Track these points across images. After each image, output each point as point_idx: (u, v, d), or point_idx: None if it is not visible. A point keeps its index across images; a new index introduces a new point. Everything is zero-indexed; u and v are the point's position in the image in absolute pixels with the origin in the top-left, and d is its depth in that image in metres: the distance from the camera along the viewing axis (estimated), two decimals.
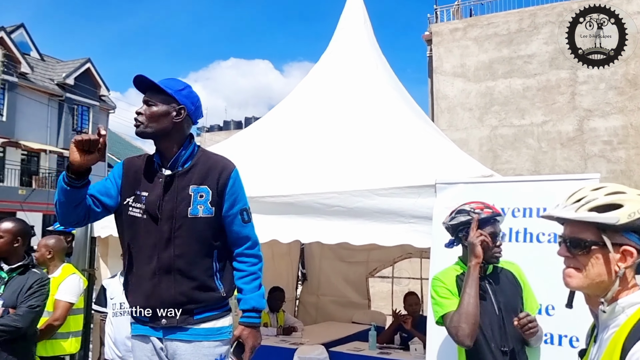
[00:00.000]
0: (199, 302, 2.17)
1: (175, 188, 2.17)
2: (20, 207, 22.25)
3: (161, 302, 2.15)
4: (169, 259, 2.15)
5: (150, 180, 2.21)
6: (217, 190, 2.19)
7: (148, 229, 2.17)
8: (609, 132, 13.92)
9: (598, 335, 1.37)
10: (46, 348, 3.77)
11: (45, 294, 3.17)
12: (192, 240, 2.16)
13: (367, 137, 4.26)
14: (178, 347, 2.17)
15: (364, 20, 5.60)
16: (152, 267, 2.16)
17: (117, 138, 34.79)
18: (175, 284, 2.15)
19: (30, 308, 3.04)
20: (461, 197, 2.96)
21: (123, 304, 4.39)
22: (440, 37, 15.97)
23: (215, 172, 2.21)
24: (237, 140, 5.10)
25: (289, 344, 5.13)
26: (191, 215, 2.15)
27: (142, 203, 2.19)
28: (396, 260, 6.97)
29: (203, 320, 2.19)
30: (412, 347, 4.75)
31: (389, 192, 3.51)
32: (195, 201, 2.16)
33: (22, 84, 23.37)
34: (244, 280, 2.25)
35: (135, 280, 2.22)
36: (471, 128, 15.35)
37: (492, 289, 2.42)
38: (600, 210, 1.32)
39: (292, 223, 3.78)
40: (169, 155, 2.22)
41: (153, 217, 2.16)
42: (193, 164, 2.22)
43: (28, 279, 3.12)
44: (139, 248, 2.20)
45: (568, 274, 1.37)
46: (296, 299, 7.60)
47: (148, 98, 2.19)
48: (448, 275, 2.50)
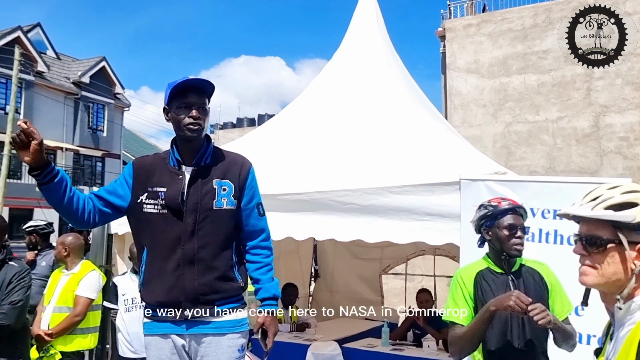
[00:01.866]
0: (221, 292, 2.23)
1: (200, 182, 2.24)
2: (37, 204, 22.55)
3: (184, 293, 2.20)
4: (192, 251, 2.20)
5: (166, 176, 2.27)
6: (239, 184, 2.29)
7: (168, 223, 2.22)
8: (625, 128, 13.75)
9: (614, 333, 1.37)
10: (66, 343, 3.83)
11: (26, 286, 3.12)
12: (215, 232, 2.23)
13: (380, 135, 4.27)
14: (203, 340, 2.22)
15: (377, 17, 5.61)
16: (175, 260, 2.20)
17: (131, 135, 35.09)
18: (199, 275, 2.20)
19: (13, 304, 3.00)
20: (487, 195, 2.95)
21: (135, 299, 4.48)
22: (453, 33, 15.87)
23: (236, 167, 2.31)
24: (252, 137, 5.14)
25: (303, 340, 5.15)
26: (216, 207, 2.23)
27: (161, 199, 2.23)
28: (409, 257, 6.96)
29: (225, 312, 2.25)
30: (425, 344, 4.76)
31: (403, 189, 3.52)
32: (220, 194, 2.24)
33: (39, 83, 23.70)
34: (261, 271, 2.34)
35: (156, 275, 2.24)
36: (485, 124, 15.25)
37: (514, 285, 2.39)
38: (616, 209, 1.32)
39: (307, 220, 3.82)
40: (193, 152, 2.28)
41: (175, 211, 2.21)
42: (213, 160, 2.30)
43: (7, 274, 3.07)
44: (157, 243, 2.24)
45: (584, 272, 1.38)
46: (309, 295, 7.64)
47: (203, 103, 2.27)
48: (470, 272, 2.47)
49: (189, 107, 2.23)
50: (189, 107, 2.23)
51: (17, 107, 22.45)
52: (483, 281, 2.41)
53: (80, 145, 25.91)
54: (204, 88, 2.27)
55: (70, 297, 3.85)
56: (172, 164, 2.29)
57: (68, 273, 3.96)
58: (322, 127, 4.58)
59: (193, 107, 2.23)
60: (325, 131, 4.50)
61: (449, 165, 3.65)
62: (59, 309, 3.81)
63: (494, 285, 2.38)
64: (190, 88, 2.24)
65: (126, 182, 2.30)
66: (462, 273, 2.50)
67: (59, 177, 2.09)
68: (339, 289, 7.43)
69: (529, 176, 3.74)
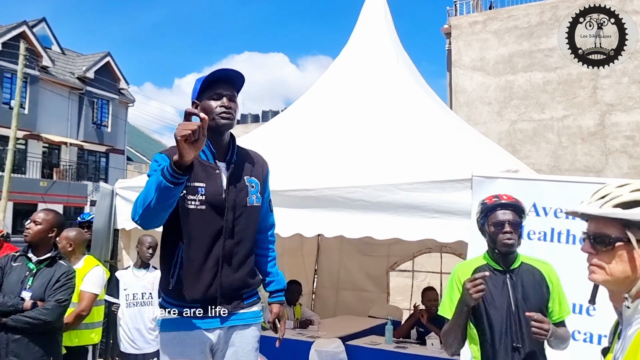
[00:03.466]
0: (250, 287, 2.31)
1: (235, 179, 2.25)
2: (41, 199, 22.63)
3: (222, 290, 2.20)
4: (231, 247, 2.22)
5: (203, 171, 2.19)
6: (262, 181, 2.35)
7: (208, 219, 2.17)
8: (631, 127, 13.68)
9: (622, 332, 1.36)
10: (71, 338, 3.82)
11: (71, 287, 3.20)
12: (249, 228, 2.28)
13: (390, 131, 4.25)
14: (234, 331, 2.25)
15: (385, 14, 5.58)
16: (214, 256, 2.18)
17: (136, 131, 35.14)
18: (234, 271, 2.23)
19: (58, 302, 3.07)
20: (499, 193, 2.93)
21: (136, 294, 4.50)
22: (459, 30, 15.81)
23: (259, 165, 2.38)
24: (259, 134, 5.12)
25: (306, 337, 5.15)
26: (249, 204, 2.26)
27: (201, 194, 2.16)
28: (416, 254, 6.96)
29: (250, 305, 2.31)
30: (429, 342, 4.74)
31: (413, 186, 3.50)
32: (250, 191, 2.28)
33: (44, 78, 23.72)
34: (270, 264, 2.43)
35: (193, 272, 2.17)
36: (490, 122, 15.19)
37: (511, 283, 2.39)
38: (624, 207, 1.32)
39: (316, 217, 3.80)
40: (224, 147, 2.27)
41: (217, 207, 2.18)
42: (239, 156, 2.31)
43: (55, 272, 3.14)
44: (196, 239, 2.17)
45: (592, 270, 1.37)
46: (312, 292, 7.64)
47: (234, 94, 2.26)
48: (467, 268, 2.49)
49: (220, 96, 2.21)
50: (220, 97, 2.21)
51: (22, 102, 22.54)
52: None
53: (84, 140, 25.95)
54: (234, 78, 2.26)
55: (75, 292, 3.84)
56: (205, 158, 2.21)
57: None
58: (331, 123, 4.56)
59: (224, 96, 2.21)
60: (334, 127, 4.48)
61: (460, 162, 3.62)
62: None
63: (491, 282, 2.38)
64: (220, 78, 2.23)
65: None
66: (459, 269, 2.52)
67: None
68: (346, 286, 7.43)
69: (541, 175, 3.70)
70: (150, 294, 4.52)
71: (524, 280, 2.40)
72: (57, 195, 23.64)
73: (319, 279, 7.69)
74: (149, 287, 4.52)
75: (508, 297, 2.37)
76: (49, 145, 24.89)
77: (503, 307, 2.35)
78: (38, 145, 24.20)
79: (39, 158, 24.23)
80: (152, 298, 4.51)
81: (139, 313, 4.50)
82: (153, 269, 4.53)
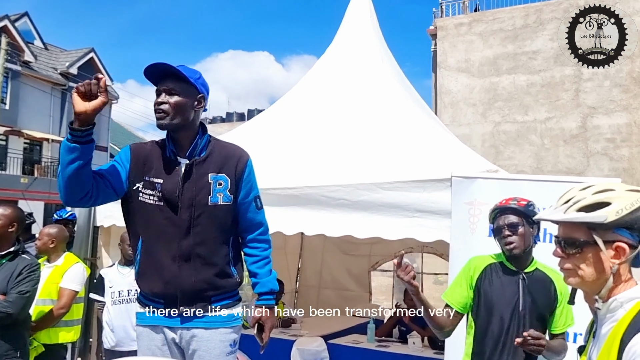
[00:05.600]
0: (218, 289, 2.21)
1: (194, 176, 2.17)
2: (22, 196, 22.29)
3: (181, 289, 2.16)
4: (189, 247, 2.15)
5: (163, 167, 2.18)
6: (235, 178, 2.21)
7: (166, 216, 2.16)
8: (612, 130, 13.89)
9: (597, 331, 1.39)
10: (50, 336, 3.78)
11: (35, 279, 3.14)
12: (211, 228, 2.17)
13: (372, 131, 4.26)
14: (195, 334, 2.19)
15: (370, 13, 5.59)
16: (171, 254, 2.16)
17: (119, 128, 34.80)
18: (196, 272, 2.16)
19: (20, 294, 3.02)
20: (478, 193, 2.96)
21: (122, 292, 4.46)
22: (445, 31, 15.92)
23: (233, 161, 2.23)
24: (242, 132, 5.10)
25: (288, 335, 5.14)
26: (211, 203, 2.17)
27: (158, 190, 2.16)
28: (397, 254, 6.97)
29: (220, 308, 2.22)
30: (411, 341, 4.77)
31: (394, 185, 3.51)
32: (215, 189, 2.18)
33: (26, 73, 23.35)
34: (258, 264, 2.30)
35: (152, 265, 2.19)
36: (474, 123, 15.32)
37: (523, 285, 2.43)
38: (588, 210, 1.33)
39: (297, 215, 3.79)
40: (185, 144, 2.20)
41: (172, 204, 2.15)
42: (209, 153, 2.22)
43: (18, 265, 3.10)
44: (154, 234, 2.18)
45: (565, 274, 1.40)
46: (295, 291, 7.63)
47: (169, 87, 2.13)
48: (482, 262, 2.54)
49: (158, 93, 2.15)
50: (158, 94, 2.15)
51: (3, 97, 22.19)
52: (492, 273, 2.48)
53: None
54: (165, 71, 2.13)
55: (54, 289, 3.80)
56: (169, 155, 2.21)
57: (51, 265, 3.90)
58: (314, 121, 4.55)
59: (161, 92, 2.14)
60: (317, 126, 4.48)
61: (441, 162, 3.64)
62: (42, 301, 3.75)
63: (504, 280, 2.45)
64: (151, 74, 2.16)
65: (123, 166, 2.19)
66: (474, 260, 2.57)
67: (94, 142, 2.03)
68: (328, 285, 7.43)
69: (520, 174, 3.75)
70: (136, 290, 4.48)
71: (535, 285, 2.45)
72: (38, 192, 23.30)
73: (301, 277, 7.68)
74: (134, 284, 4.48)
75: (517, 297, 2.42)
76: (31, 142, 24.53)
77: (510, 306, 2.40)
78: (19, 141, 23.83)
79: (19, 154, 23.86)
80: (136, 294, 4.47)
81: (125, 310, 4.46)
82: None
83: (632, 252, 1.31)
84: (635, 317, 1.25)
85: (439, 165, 3.57)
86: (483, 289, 2.45)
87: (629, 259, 1.32)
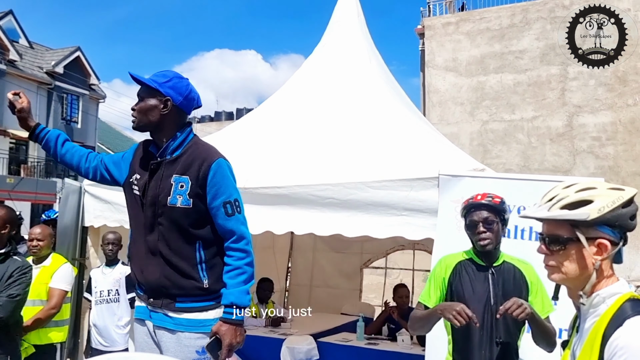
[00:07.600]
0: (182, 289, 2.22)
1: (160, 176, 2.27)
2: (8, 196, 22.02)
3: (148, 281, 2.29)
4: (154, 243, 2.26)
5: (144, 165, 2.35)
6: (198, 181, 2.20)
7: (139, 210, 2.34)
8: (597, 128, 14.05)
9: (580, 326, 1.43)
10: (40, 336, 3.77)
11: (26, 282, 3.11)
12: (172, 228, 2.24)
13: (360, 130, 4.28)
14: (163, 334, 2.26)
15: (358, 13, 5.61)
16: (144, 247, 2.30)
17: (107, 128, 34.50)
18: (160, 267, 2.25)
19: (10, 297, 2.99)
20: (465, 191, 3.00)
21: (102, 292, 4.51)
22: (432, 31, 15.99)
23: (197, 163, 2.21)
24: (230, 131, 5.10)
25: (278, 334, 5.15)
26: (170, 204, 2.22)
27: (137, 185, 2.34)
28: (389, 252, 7.03)
29: (185, 310, 2.21)
30: (400, 338, 4.79)
31: (382, 184, 3.54)
32: (175, 191, 2.21)
33: (11, 72, 23.06)
34: (229, 274, 2.19)
35: (135, 254, 2.37)
36: (462, 122, 15.41)
37: (493, 279, 2.48)
38: (571, 208, 1.37)
39: (286, 214, 3.81)
40: (160, 145, 2.32)
41: (141, 201, 2.32)
42: (181, 154, 2.28)
43: (9, 267, 3.06)
44: (134, 225, 2.39)
45: (549, 270, 1.43)
46: (285, 290, 7.64)
47: (139, 93, 2.32)
48: (452, 260, 2.58)
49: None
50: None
51: None
52: (463, 270, 2.52)
53: None
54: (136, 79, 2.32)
55: (43, 290, 3.79)
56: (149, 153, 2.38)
57: (39, 266, 3.88)
58: (302, 121, 4.57)
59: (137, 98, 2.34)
60: (305, 125, 4.49)
61: (428, 161, 3.68)
62: (32, 302, 3.73)
63: (474, 276, 2.49)
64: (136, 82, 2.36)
65: (127, 158, 2.44)
66: (445, 259, 2.61)
67: (46, 138, 2.46)
68: (319, 283, 7.44)
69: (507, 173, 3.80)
70: (117, 290, 4.49)
71: (504, 278, 2.50)
72: (25, 192, 23.04)
73: (292, 276, 7.69)
74: (115, 284, 4.50)
75: (488, 291, 2.46)
76: (16, 141, 24.23)
77: (482, 301, 2.44)
78: (5, 140, 23.54)
79: (5, 154, 23.59)
80: (118, 295, 4.48)
81: (106, 310, 4.49)
82: (122, 265, 4.50)
83: (613, 249, 1.36)
84: (616, 312, 1.29)
85: (427, 164, 3.60)
86: (455, 287, 2.50)
87: (610, 256, 1.36)
